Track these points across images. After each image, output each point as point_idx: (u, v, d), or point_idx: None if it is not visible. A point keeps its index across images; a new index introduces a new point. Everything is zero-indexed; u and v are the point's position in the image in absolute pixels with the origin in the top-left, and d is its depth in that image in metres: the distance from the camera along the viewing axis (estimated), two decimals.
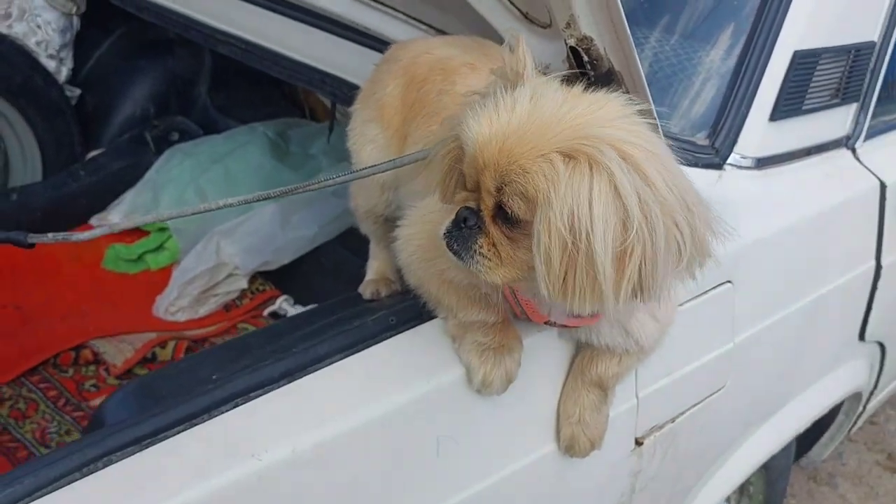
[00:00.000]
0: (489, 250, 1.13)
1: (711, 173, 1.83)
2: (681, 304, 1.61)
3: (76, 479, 1.00)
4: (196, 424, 1.08)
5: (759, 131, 1.89)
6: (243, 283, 2.83)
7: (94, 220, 3.07)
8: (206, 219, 2.87)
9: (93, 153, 3.15)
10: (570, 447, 1.43)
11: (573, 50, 1.49)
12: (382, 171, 1.39)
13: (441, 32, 1.86)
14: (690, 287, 1.64)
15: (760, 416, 2.06)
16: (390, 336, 1.28)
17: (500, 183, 1.09)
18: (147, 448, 1.05)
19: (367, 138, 1.61)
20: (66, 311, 2.72)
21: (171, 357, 2.60)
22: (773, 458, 2.24)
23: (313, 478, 1.14)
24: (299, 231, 2.81)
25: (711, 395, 1.79)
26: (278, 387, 1.16)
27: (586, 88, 1.19)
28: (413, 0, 1.87)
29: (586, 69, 1.51)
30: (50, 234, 1.64)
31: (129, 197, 3.05)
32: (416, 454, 1.24)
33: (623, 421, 1.56)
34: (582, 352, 1.42)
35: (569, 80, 1.26)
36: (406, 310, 1.33)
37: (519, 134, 1.07)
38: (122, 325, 2.69)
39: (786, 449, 2.28)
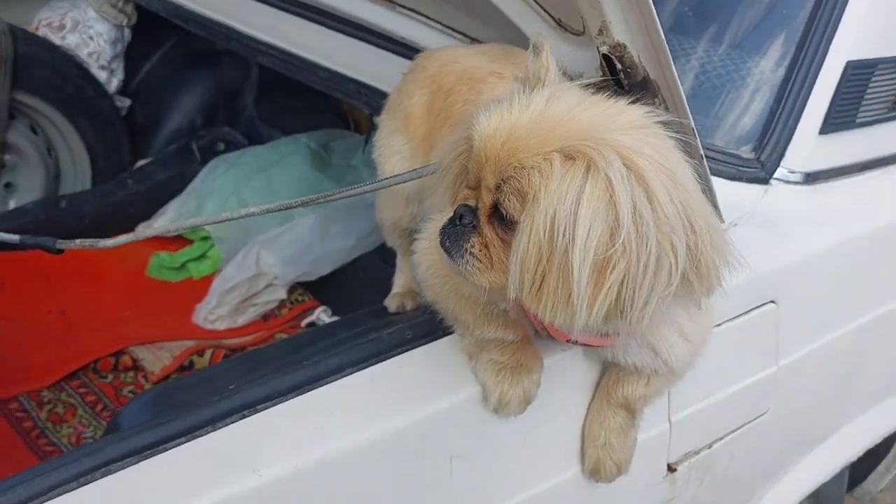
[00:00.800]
0: (480, 251, 1.09)
1: (756, 188, 1.75)
2: (719, 325, 1.54)
3: (71, 489, 0.98)
4: (198, 437, 1.06)
5: (808, 145, 1.81)
6: (282, 294, 2.83)
7: (139, 228, 3.11)
8: (247, 229, 2.88)
9: (141, 163, 3.20)
10: (596, 471, 1.36)
11: (606, 57, 1.43)
12: (403, 182, 1.35)
13: (476, 41, 1.83)
14: (730, 306, 1.58)
15: (808, 443, 1.96)
16: (405, 350, 1.24)
17: (500, 179, 1.04)
18: (146, 459, 1.03)
19: (393, 149, 1.58)
20: (108, 318, 2.75)
21: (208, 365, 2.60)
22: (823, 487, 2.13)
23: (315, 497, 1.10)
24: (338, 242, 2.80)
25: (752, 420, 1.70)
26: (285, 400, 1.13)
27: (619, 97, 1.13)
28: (447, 9, 1.84)
29: (620, 77, 1.46)
30: (77, 241, 1.66)
31: (173, 206, 3.08)
32: (427, 475, 1.20)
33: (654, 445, 1.48)
34: (608, 372, 1.35)
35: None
36: (423, 324, 1.29)
37: (525, 130, 1.02)
38: (161, 332, 2.71)
39: (837, 478, 2.16)
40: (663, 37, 1.33)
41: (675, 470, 1.56)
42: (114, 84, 3.17)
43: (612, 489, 1.42)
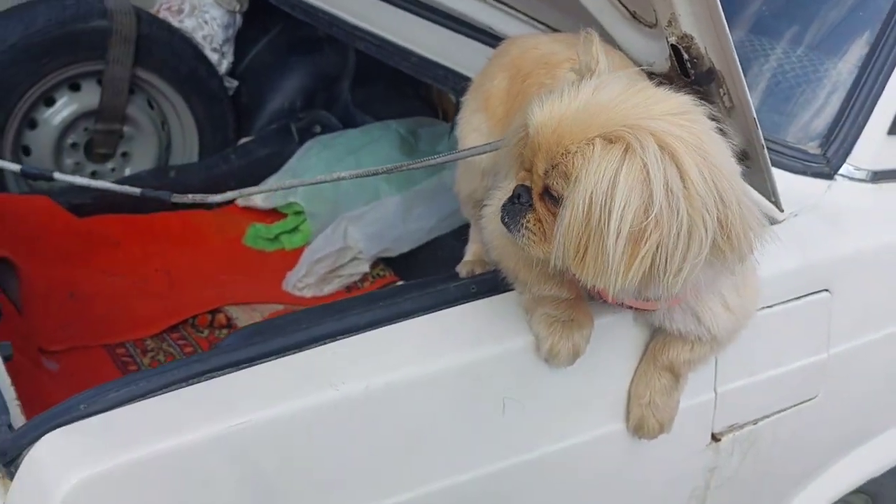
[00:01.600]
0: (535, 225, 1.23)
1: (820, 183, 1.82)
2: (770, 306, 1.63)
3: (181, 387, 1.18)
4: (286, 355, 1.24)
5: (876, 144, 1.86)
6: (365, 267, 3.01)
7: (239, 202, 3.34)
8: (337, 205, 3.09)
9: (243, 140, 3.42)
10: (639, 427, 1.47)
11: (674, 48, 1.54)
12: (475, 155, 1.50)
13: (556, 31, 1.95)
14: (783, 290, 1.66)
15: (860, 435, 2.00)
16: (469, 301, 1.39)
17: (549, 164, 1.18)
18: (242, 370, 1.22)
19: (472, 127, 1.72)
20: (207, 279, 2.99)
21: None
22: (881, 487, 2.17)
23: (383, 414, 1.26)
24: (419, 222, 2.96)
25: (800, 403, 1.77)
26: (362, 332, 1.30)
27: (683, 88, 1.25)
28: (532, 1, 1.97)
29: (686, 67, 1.57)
30: (190, 196, 1.87)
31: (271, 181, 3.31)
32: (481, 409, 1.34)
33: (698, 412, 1.58)
34: (656, 337, 1.47)
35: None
36: (487, 281, 1.44)
37: (572, 119, 1.15)
38: (254, 295, 2.92)
39: (893, 476, 2.19)
40: (728, 30, 1.44)
41: (719, 440, 1.65)
42: (224, 66, 3.40)
43: (656, 449, 1.53)
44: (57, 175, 2.14)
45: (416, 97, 3.56)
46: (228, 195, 1.83)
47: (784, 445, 1.79)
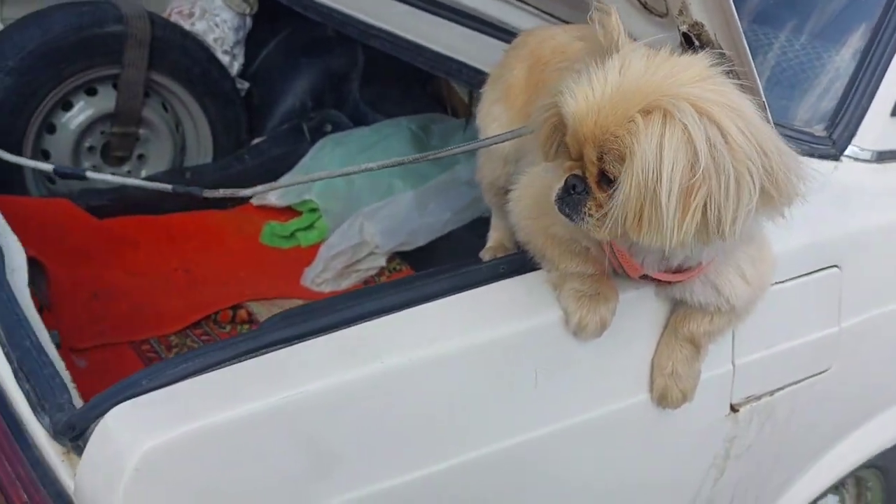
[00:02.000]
0: (597, 211, 1.28)
1: (827, 164, 1.88)
2: (783, 282, 1.70)
3: (230, 364, 1.25)
4: (330, 332, 1.31)
5: (879, 125, 1.93)
6: (382, 262, 3.07)
7: (254, 201, 3.41)
8: (351, 202, 3.15)
9: (256, 140, 3.49)
10: (663, 397, 1.54)
11: (685, 36, 1.61)
12: (497, 143, 1.57)
13: (568, 24, 2.02)
14: (794, 266, 1.73)
15: (872, 408, 2.07)
16: (499, 281, 1.45)
17: (600, 152, 1.24)
18: (290, 345, 1.29)
19: (493, 117, 1.79)
20: (226, 277, 3.05)
21: None
22: (891, 462, 2.23)
23: (424, 384, 1.34)
24: (434, 216, 3.03)
25: (814, 375, 1.83)
26: (400, 310, 1.37)
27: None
28: None
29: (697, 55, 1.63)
30: (221, 190, 1.94)
31: (284, 180, 3.37)
32: (514, 381, 1.41)
33: (718, 384, 1.65)
34: (677, 310, 1.53)
35: None
36: (515, 261, 1.51)
37: (610, 105, 1.21)
38: (273, 290, 2.99)
39: None
40: (737, 16, 1.51)
41: (737, 410, 1.71)
42: (235, 68, 3.47)
43: (678, 418, 1.60)
44: (90, 174, 2.21)
45: (424, 95, 3.63)
46: (258, 189, 1.90)
47: (801, 417, 1.86)
